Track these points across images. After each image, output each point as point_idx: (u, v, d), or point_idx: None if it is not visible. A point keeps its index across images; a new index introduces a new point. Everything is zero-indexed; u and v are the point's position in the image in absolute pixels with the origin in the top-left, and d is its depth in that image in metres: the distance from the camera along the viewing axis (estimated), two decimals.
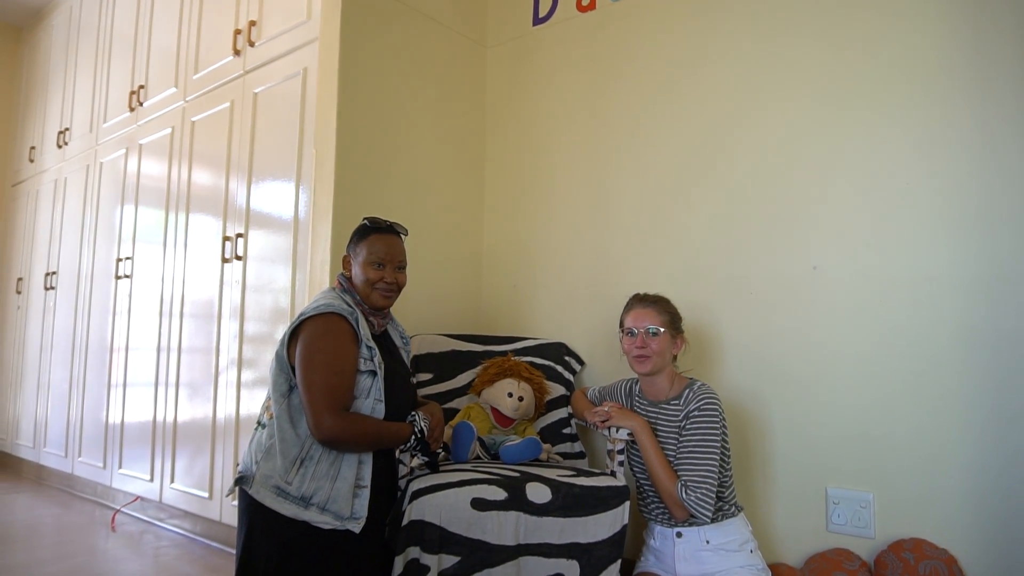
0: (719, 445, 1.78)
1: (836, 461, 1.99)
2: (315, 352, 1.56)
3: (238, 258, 2.71)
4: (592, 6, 2.71)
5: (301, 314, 1.61)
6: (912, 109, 1.95)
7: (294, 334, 1.61)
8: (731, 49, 2.31)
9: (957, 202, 1.86)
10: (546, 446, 2.13)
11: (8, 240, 4.67)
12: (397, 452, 1.76)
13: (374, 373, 1.63)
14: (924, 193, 1.91)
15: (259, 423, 1.66)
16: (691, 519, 1.77)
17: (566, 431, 2.31)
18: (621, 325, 1.99)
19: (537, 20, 2.90)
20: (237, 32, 2.84)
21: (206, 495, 2.73)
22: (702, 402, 1.82)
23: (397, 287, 1.75)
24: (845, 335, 2.00)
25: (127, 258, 3.42)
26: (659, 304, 1.95)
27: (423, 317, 2.60)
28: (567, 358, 2.47)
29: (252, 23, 2.77)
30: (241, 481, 1.59)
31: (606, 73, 2.64)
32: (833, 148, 2.07)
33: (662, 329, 1.89)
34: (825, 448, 2.01)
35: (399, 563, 1.60)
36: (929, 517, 1.84)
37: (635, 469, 1.96)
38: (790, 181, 2.15)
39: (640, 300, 1.97)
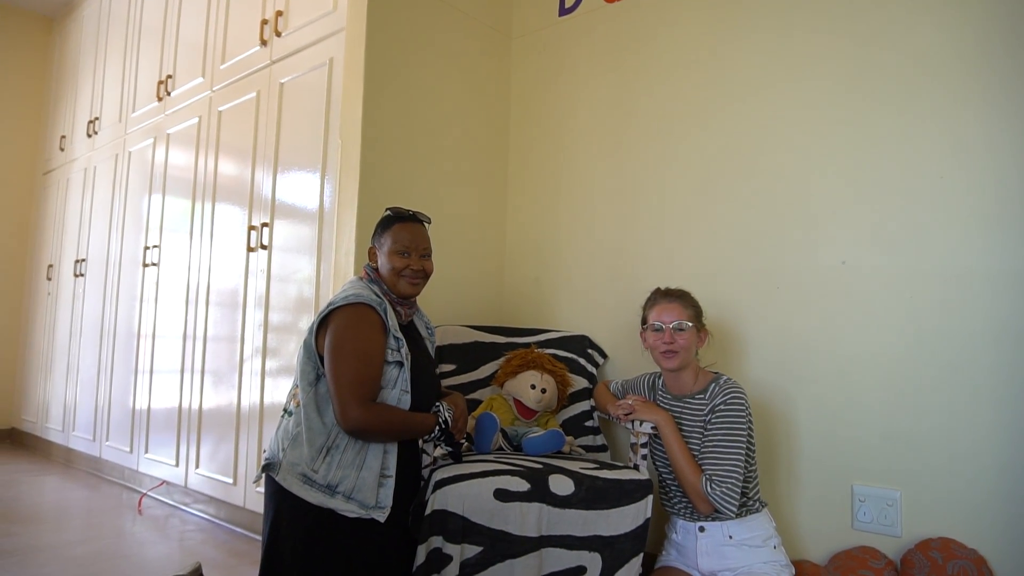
0: (745, 440, 1.77)
1: (862, 458, 1.97)
2: (344, 342, 1.57)
3: (263, 247, 2.73)
4: None
5: (330, 303, 1.62)
6: (946, 102, 1.91)
7: (323, 323, 1.62)
8: (760, 42, 2.28)
9: (991, 197, 1.82)
10: (568, 438, 2.13)
11: (39, 227, 4.76)
12: (420, 442, 1.77)
13: (401, 364, 1.63)
14: (958, 187, 1.87)
15: (286, 411, 1.67)
16: (715, 513, 1.76)
17: (588, 424, 2.30)
18: (644, 321, 1.97)
19: (563, 11, 2.88)
20: (264, 22, 2.85)
21: (230, 481, 2.77)
22: (728, 396, 1.80)
23: (424, 274, 1.76)
24: (873, 331, 1.97)
25: (154, 246, 3.47)
26: (684, 299, 1.93)
27: (446, 308, 2.61)
28: (590, 351, 2.46)
29: (279, 13, 2.78)
30: (268, 468, 1.61)
31: (632, 65, 2.61)
32: (863, 141, 2.04)
33: (689, 324, 1.88)
34: (851, 445, 1.99)
35: (422, 552, 1.61)
36: (958, 516, 1.81)
37: (658, 463, 1.95)
38: (819, 174, 2.11)
39: (664, 295, 1.96)
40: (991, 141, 1.84)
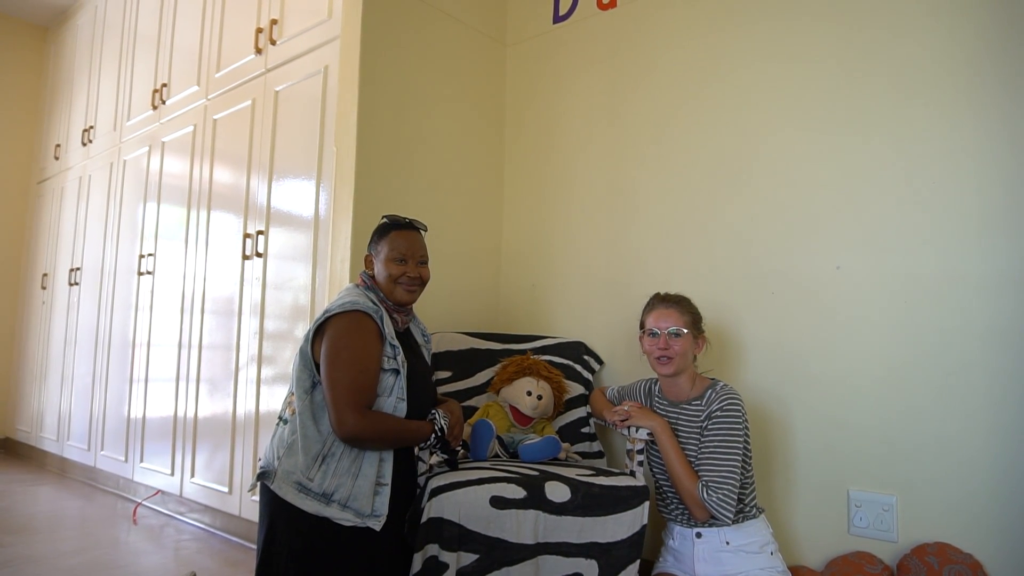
0: (741, 445, 1.77)
1: (859, 463, 1.97)
2: (341, 349, 1.56)
3: (259, 255, 2.73)
4: (613, 4, 2.70)
5: (326, 311, 1.62)
6: (940, 106, 1.92)
7: (319, 331, 1.61)
8: (755, 46, 2.29)
9: (986, 201, 1.83)
10: (565, 445, 2.12)
11: (34, 236, 4.75)
12: (416, 450, 1.76)
13: (397, 372, 1.63)
14: (953, 192, 1.88)
15: (281, 419, 1.66)
16: (712, 520, 1.76)
17: (584, 430, 2.30)
18: (642, 326, 1.97)
19: (557, 18, 2.89)
20: (259, 31, 2.86)
21: (226, 490, 2.75)
22: (725, 402, 1.80)
23: (420, 281, 1.76)
24: (869, 336, 1.98)
25: (149, 255, 3.46)
26: (681, 304, 1.94)
27: (442, 315, 2.61)
28: (586, 357, 2.46)
29: (274, 22, 2.79)
30: (263, 477, 1.60)
31: (626, 71, 2.63)
32: (859, 146, 2.05)
33: (684, 330, 1.88)
34: (847, 450, 1.99)
35: (418, 560, 1.60)
36: (954, 521, 1.81)
37: (654, 469, 1.95)
38: (813, 179, 2.12)
39: (662, 300, 1.96)
40: (986, 145, 1.85)
